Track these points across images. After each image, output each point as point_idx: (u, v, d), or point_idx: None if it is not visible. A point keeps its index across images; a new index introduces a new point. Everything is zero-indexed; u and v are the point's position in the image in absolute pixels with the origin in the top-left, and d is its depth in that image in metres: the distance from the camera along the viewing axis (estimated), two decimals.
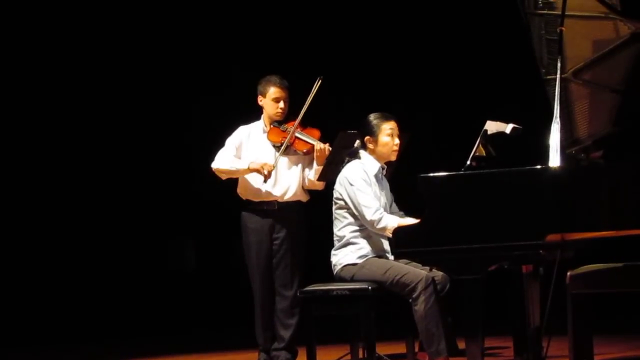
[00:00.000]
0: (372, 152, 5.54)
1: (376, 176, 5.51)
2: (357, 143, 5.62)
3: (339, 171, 5.57)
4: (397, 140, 5.54)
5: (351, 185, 5.40)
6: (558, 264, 4.80)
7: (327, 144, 5.96)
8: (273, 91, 6.10)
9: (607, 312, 6.24)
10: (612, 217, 4.40)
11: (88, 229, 8.99)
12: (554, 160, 4.48)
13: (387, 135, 5.51)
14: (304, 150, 6.03)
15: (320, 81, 6.01)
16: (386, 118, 5.55)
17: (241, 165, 6.05)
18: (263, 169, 5.96)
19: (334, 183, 5.60)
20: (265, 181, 5.98)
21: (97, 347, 8.46)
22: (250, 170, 6.02)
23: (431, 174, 4.60)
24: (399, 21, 8.82)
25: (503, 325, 5.24)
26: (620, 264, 4.88)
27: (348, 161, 5.57)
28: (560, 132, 4.51)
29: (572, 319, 4.94)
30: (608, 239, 4.68)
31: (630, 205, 4.37)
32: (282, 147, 6.00)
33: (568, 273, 4.97)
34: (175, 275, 9.07)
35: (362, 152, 5.56)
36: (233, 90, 8.26)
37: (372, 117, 5.56)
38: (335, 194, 5.51)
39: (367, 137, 5.53)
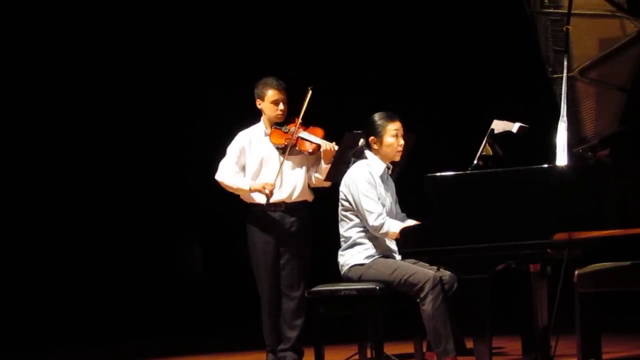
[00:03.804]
0: (377, 153, 5.53)
1: (381, 177, 5.50)
2: (361, 142, 5.59)
3: (344, 171, 5.56)
4: (402, 141, 5.52)
5: (356, 187, 5.39)
6: (566, 263, 4.80)
7: (334, 143, 5.95)
8: (271, 94, 6.06)
9: (615, 311, 6.23)
10: (619, 215, 4.40)
11: (96, 230, 9.00)
12: (561, 159, 4.48)
13: (392, 136, 5.48)
14: (310, 150, 6.00)
15: (311, 90, 6.00)
16: (391, 118, 5.51)
17: (243, 184, 6.02)
18: (264, 189, 5.96)
19: (339, 183, 5.59)
20: (267, 201, 5.98)
21: (104, 349, 8.46)
22: (251, 191, 6.01)
23: (438, 174, 4.60)
24: (405, 19, 8.82)
25: (511, 325, 5.23)
26: (628, 263, 4.88)
27: (354, 161, 5.55)
28: (567, 131, 4.52)
29: (580, 317, 4.95)
30: (616, 238, 4.67)
31: (638, 204, 4.36)
32: (287, 149, 5.98)
33: (576, 272, 4.97)
34: (183, 277, 9.08)
35: (367, 152, 5.55)
36: (239, 94, 8.26)
37: (377, 117, 5.52)
38: (341, 195, 5.50)
39: (371, 138, 5.50)
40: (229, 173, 6.06)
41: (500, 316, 5.01)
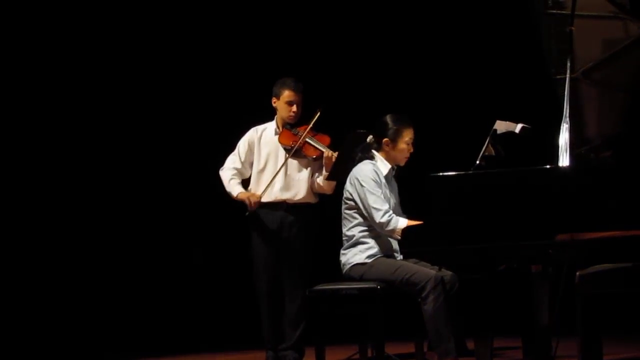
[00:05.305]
0: (385, 154, 5.53)
1: (386, 177, 5.51)
2: (369, 139, 5.58)
3: (349, 170, 5.56)
4: (412, 149, 5.54)
5: (362, 186, 5.39)
6: (567, 264, 4.80)
7: (337, 153, 5.98)
8: (287, 94, 6.12)
9: (616, 312, 6.22)
10: (621, 217, 4.39)
11: (95, 230, 8.99)
12: (563, 160, 4.48)
13: (406, 142, 5.51)
14: (313, 156, 6.06)
15: (319, 113, 6.02)
16: (408, 125, 5.52)
17: (233, 190, 6.15)
18: (249, 199, 6.02)
19: (343, 183, 5.60)
20: (247, 213, 6.08)
21: (103, 348, 8.46)
22: (237, 198, 6.13)
23: (440, 174, 4.60)
24: (407, 18, 8.81)
25: (512, 326, 5.23)
26: (629, 264, 4.87)
27: (360, 159, 5.55)
28: (570, 131, 4.52)
29: (581, 319, 4.93)
30: (617, 239, 4.66)
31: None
32: (292, 151, 6.03)
33: (577, 273, 4.96)
34: (183, 274, 9.07)
35: (375, 152, 5.55)
36: (244, 97, 8.29)
37: (393, 121, 5.51)
38: (346, 194, 5.50)
39: (385, 140, 5.51)
40: (227, 174, 6.19)
41: (500, 317, 5.00)
